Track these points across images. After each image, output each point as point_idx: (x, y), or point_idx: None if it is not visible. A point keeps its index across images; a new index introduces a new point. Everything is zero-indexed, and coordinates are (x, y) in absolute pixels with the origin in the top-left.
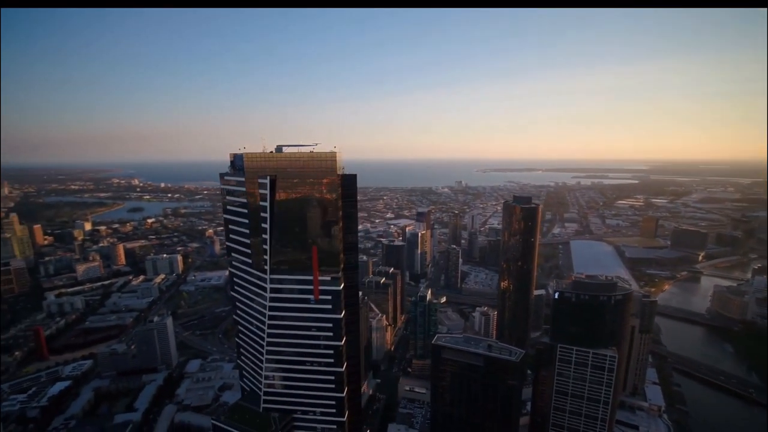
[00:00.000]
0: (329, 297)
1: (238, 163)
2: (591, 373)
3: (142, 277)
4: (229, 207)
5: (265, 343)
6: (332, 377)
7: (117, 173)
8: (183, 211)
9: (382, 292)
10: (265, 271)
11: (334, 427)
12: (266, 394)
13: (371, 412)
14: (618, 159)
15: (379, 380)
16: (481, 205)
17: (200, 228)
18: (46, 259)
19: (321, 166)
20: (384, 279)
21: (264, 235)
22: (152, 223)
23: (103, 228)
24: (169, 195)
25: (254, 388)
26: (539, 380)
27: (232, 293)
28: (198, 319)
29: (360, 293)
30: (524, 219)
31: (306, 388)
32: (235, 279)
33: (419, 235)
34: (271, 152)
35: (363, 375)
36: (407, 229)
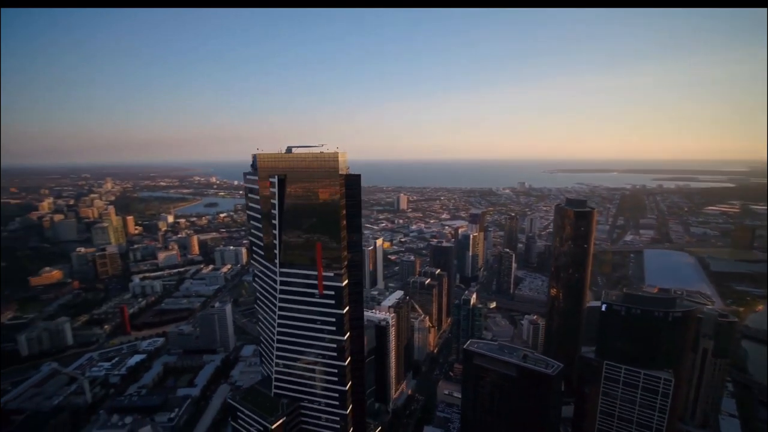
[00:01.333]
0: (332, 293)
1: (256, 163)
2: (642, 396)
3: (211, 266)
4: (250, 204)
5: (275, 333)
6: (335, 370)
7: (198, 172)
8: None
9: (426, 293)
10: (275, 265)
11: (338, 419)
12: (276, 380)
13: (408, 412)
14: (711, 159)
15: (419, 381)
16: (545, 208)
17: None
18: (135, 246)
19: (324, 166)
20: (429, 280)
21: (274, 231)
22: (224, 217)
23: (182, 221)
24: (241, 192)
25: (268, 373)
26: (583, 398)
27: (254, 284)
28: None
29: (402, 293)
30: (577, 223)
31: (311, 379)
32: (255, 271)
33: (471, 237)
34: (279, 153)
35: (402, 374)
36: (460, 230)
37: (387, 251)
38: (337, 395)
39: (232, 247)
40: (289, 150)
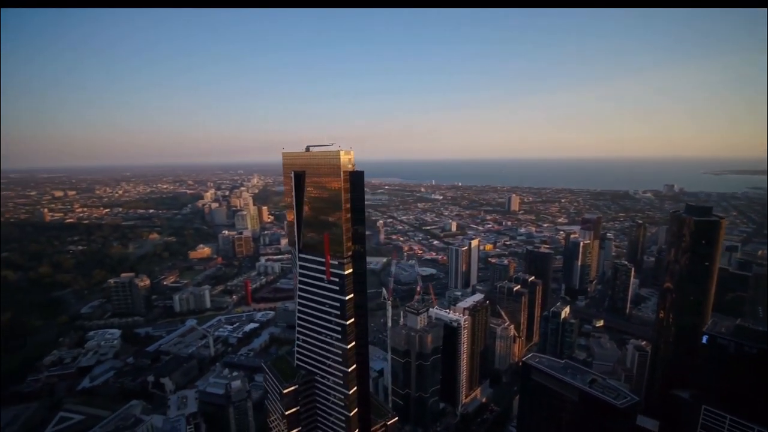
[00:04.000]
0: (337, 279)
1: None
2: None
3: None
4: (287, 197)
5: (297, 311)
6: (340, 352)
7: None
8: (365, 202)
9: (514, 300)
10: (298, 251)
11: (343, 396)
12: (297, 353)
13: (480, 420)
14: None
15: (496, 391)
16: None
17: (373, 218)
18: (266, 232)
19: (328, 163)
20: (518, 286)
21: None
22: None
23: None
24: None
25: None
26: None
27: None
28: None
29: (482, 296)
30: (698, 235)
31: (322, 357)
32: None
33: (581, 244)
34: (300, 152)
35: (476, 379)
36: (571, 236)
37: (488, 253)
38: (341, 375)
39: None
40: (307, 149)
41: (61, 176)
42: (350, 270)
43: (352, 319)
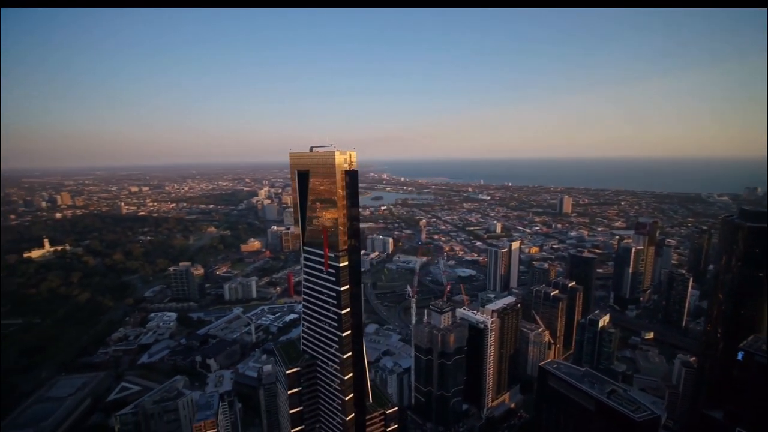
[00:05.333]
0: (333, 271)
1: None
2: None
3: (362, 251)
4: (293, 194)
5: (302, 300)
6: (337, 339)
7: (374, 168)
8: (410, 202)
9: (551, 305)
10: (302, 244)
11: (339, 381)
12: (303, 338)
13: (506, 425)
14: None
15: (528, 397)
16: None
17: (417, 218)
18: None
19: (326, 163)
20: (556, 291)
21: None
22: (383, 210)
23: None
24: (404, 187)
25: None
26: None
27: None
28: (389, 293)
29: (513, 299)
30: (752, 243)
31: (322, 342)
32: None
33: (632, 250)
34: (304, 152)
35: (505, 384)
36: (624, 242)
37: (532, 257)
38: (338, 361)
39: (381, 237)
40: (311, 149)
41: (137, 173)
42: (346, 263)
43: (348, 309)
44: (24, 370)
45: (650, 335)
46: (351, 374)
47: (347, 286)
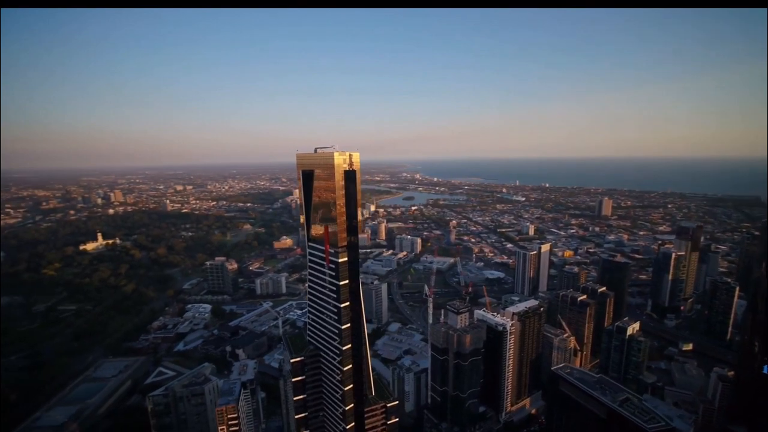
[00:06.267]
0: (333, 266)
1: None
2: None
3: (390, 251)
4: (299, 193)
5: (307, 293)
6: (336, 331)
7: (407, 168)
8: (441, 202)
9: (578, 310)
10: (307, 240)
11: (339, 372)
12: (308, 330)
13: (525, 431)
14: None
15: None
16: None
17: (447, 218)
18: None
19: (326, 163)
20: (584, 296)
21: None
22: (414, 210)
23: (381, 210)
24: (437, 188)
25: None
26: None
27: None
28: (415, 293)
29: (536, 302)
30: None
31: (324, 334)
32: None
33: (673, 256)
34: (309, 153)
35: (525, 388)
36: (665, 247)
37: (566, 260)
38: (338, 352)
39: (409, 237)
40: (315, 150)
41: (183, 173)
42: (345, 258)
43: (347, 303)
44: (75, 352)
45: (689, 347)
46: (350, 365)
47: (346, 281)
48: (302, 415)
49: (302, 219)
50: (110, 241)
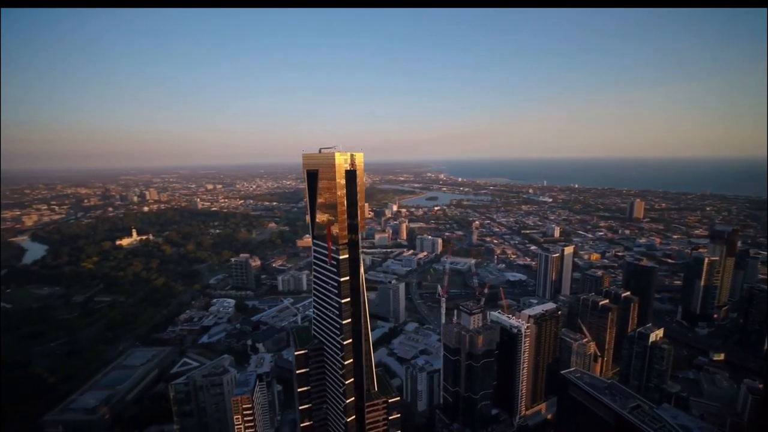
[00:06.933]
0: (335, 263)
1: None
2: None
3: (411, 251)
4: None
5: (312, 289)
6: (338, 326)
7: (431, 168)
8: (465, 202)
9: (599, 315)
10: (312, 237)
11: (340, 365)
12: (313, 324)
13: None
14: None
15: None
16: None
17: (470, 219)
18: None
19: (328, 163)
20: (605, 301)
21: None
22: (437, 210)
23: (404, 210)
24: (461, 188)
25: None
26: None
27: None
28: (434, 293)
29: (554, 306)
30: None
31: (327, 329)
32: None
33: (705, 261)
34: (314, 153)
35: (541, 393)
36: (698, 251)
37: (592, 263)
38: (340, 347)
39: (430, 237)
40: (320, 151)
41: (214, 172)
42: (345, 256)
43: (348, 299)
44: (108, 340)
45: (720, 357)
46: (351, 360)
47: (347, 277)
48: (306, 406)
49: (308, 218)
50: (144, 237)
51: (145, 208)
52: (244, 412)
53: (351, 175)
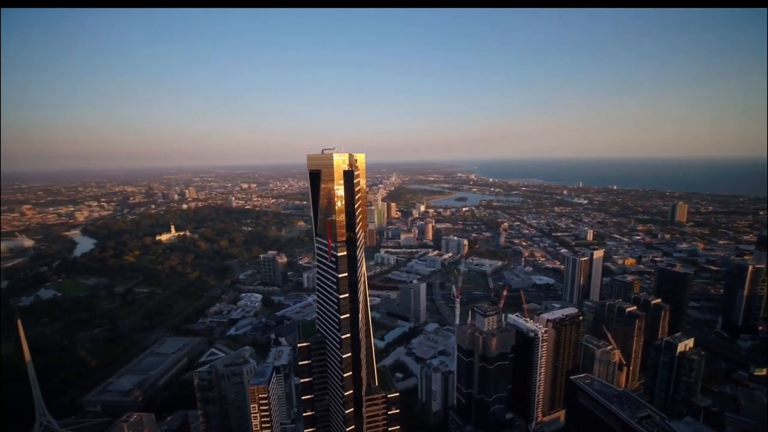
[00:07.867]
0: (334, 260)
1: None
2: None
3: (436, 252)
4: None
5: (315, 285)
6: (337, 321)
7: (462, 168)
8: (495, 203)
9: (625, 322)
10: (315, 235)
11: (338, 359)
12: (317, 318)
13: None
14: None
15: None
16: None
17: (499, 220)
18: (389, 227)
19: (327, 164)
20: (633, 307)
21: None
22: (465, 211)
23: (432, 210)
24: (492, 189)
25: None
26: None
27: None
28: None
29: (575, 310)
30: None
31: (328, 323)
32: None
33: (749, 269)
34: (316, 154)
35: (560, 400)
36: (742, 258)
37: (627, 269)
38: (339, 341)
39: (455, 238)
40: (322, 151)
41: (249, 172)
42: (344, 253)
43: (346, 294)
44: (145, 329)
45: (762, 371)
46: (349, 354)
47: (345, 274)
48: (308, 396)
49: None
50: (181, 233)
51: (184, 206)
52: (261, 402)
53: (349, 175)
